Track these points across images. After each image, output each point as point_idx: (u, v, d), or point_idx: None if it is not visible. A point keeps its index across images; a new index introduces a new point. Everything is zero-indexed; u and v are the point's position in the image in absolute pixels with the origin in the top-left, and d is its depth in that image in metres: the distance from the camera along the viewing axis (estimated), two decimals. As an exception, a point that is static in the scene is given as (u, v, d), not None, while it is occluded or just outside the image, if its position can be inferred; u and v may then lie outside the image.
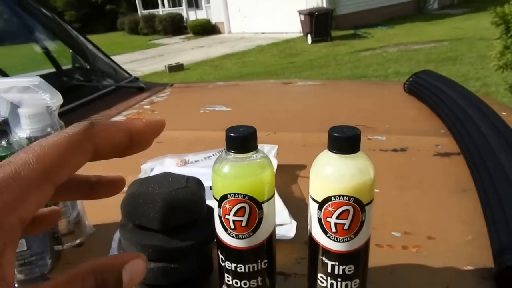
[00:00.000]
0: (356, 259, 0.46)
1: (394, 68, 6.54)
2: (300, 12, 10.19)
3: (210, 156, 0.84)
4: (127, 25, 19.82)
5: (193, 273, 0.52)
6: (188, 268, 0.51)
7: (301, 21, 10.28)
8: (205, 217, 0.53)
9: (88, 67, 1.93)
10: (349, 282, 0.46)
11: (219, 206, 0.46)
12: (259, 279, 0.48)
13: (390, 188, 0.78)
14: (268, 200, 0.46)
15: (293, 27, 11.44)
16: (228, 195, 0.44)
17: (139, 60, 10.62)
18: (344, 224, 0.44)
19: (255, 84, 2.10)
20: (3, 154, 0.53)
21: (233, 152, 0.45)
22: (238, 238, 0.46)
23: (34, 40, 1.97)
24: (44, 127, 0.60)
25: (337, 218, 0.44)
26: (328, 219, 0.44)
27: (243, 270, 0.47)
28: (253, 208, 0.45)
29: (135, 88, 1.68)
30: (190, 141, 1.08)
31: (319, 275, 0.47)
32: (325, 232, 0.45)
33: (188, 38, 15.22)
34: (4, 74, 1.66)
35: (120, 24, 21.02)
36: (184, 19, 17.58)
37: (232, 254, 0.47)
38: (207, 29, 15.63)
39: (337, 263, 0.46)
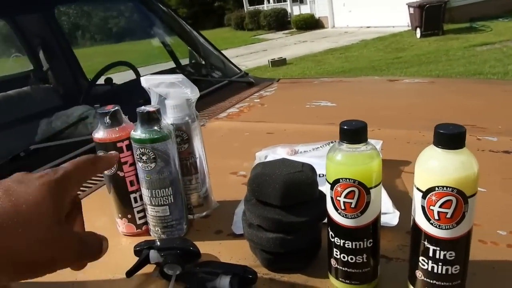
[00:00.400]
0: (457, 246, 0.50)
1: (515, 65, 5.96)
2: (409, 5, 9.71)
3: (318, 147, 0.92)
4: (233, 21, 20.66)
5: (305, 245, 0.60)
6: (301, 240, 0.59)
7: (410, 14, 9.78)
8: (317, 198, 0.61)
9: (203, 62, 2.11)
10: (449, 267, 0.51)
11: (332, 188, 0.53)
12: (364, 256, 0.55)
13: (498, 189, 0.79)
14: (375, 186, 0.52)
15: (400, 20, 10.94)
16: (340, 180, 0.52)
17: (244, 55, 11.02)
18: (447, 213, 0.49)
19: (360, 80, 2.11)
20: (156, 136, 0.66)
21: (346, 143, 0.52)
22: (347, 218, 0.53)
23: (155, 35, 2.20)
24: (183, 116, 0.73)
25: (440, 207, 0.49)
26: (432, 207, 0.49)
27: (350, 246, 0.54)
28: (361, 192, 0.51)
29: (245, 82, 1.81)
30: (298, 133, 1.16)
31: (420, 258, 0.52)
32: (428, 219, 0.50)
33: (291, 33, 15.38)
34: (132, 67, 1.89)
35: (227, 20, 21.99)
36: (288, 14, 17.79)
37: (341, 231, 0.54)
38: (311, 23, 15.65)
39: (438, 248, 0.50)
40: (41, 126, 1.13)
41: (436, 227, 0.50)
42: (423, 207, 0.50)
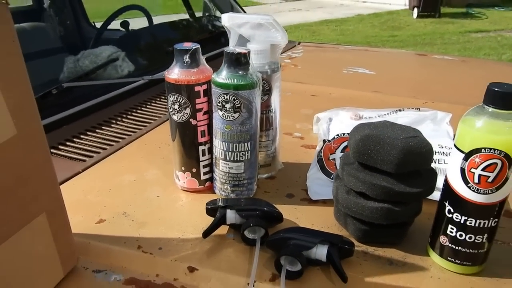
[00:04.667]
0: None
1: (509, 55, 6.00)
2: (409, -17, 9.56)
3: (385, 114, 0.85)
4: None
5: (411, 218, 0.55)
6: (409, 212, 0.54)
7: (409, -7, 9.65)
8: (428, 169, 0.54)
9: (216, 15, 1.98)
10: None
11: (466, 159, 0.47)
12: (485, 236, 0.49)
13: None
14: (517, 161, 0.46)
15: (398, -2, 10.80)
16: (482, 149, 0.45)
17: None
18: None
19: (388, 51, 2.04)
20: (243, 83, 0.58)
21: (494, 107, 0.45)
22: (479, 193, 0.47)
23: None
24: (263, 64, 0.65)
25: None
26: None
27: (473, 224, 0.49)
28: (504, 166, 0.45)
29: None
30: (344, 98, 1.09)
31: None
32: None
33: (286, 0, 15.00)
34: (145, 13, 1.76)
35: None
36: (283, -21, 17.30)
37: (467, 207, 0.48)
38: (306, -8, 15.27)
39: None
40: (67, 63, 1.02)
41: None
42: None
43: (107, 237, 0.58)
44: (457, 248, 0.51)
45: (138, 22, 1.76)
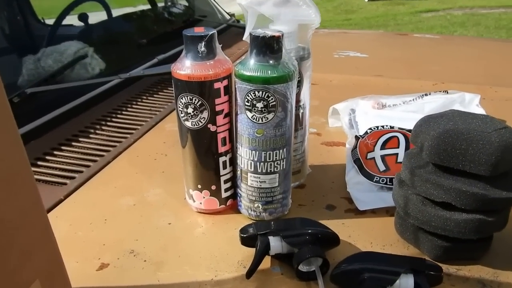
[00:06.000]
0: None
1: (460, 32, 6.15)
2: (358, -34, 9.62)
3: (410, 101, 0.75)
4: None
5: (501, 229, 0.44)
6: (502, 222, 0.43)
7: (358, -24, 9.72)
8: None
9: (187, 4, 1.83)
10: None
11: None
12: None
13: None
14: None
15: (347, -18, 10.87)
16: None
17: None
18: None
19: (366, 33, 1.96)
20: (278, 74, 0.45)
21: None
22: None
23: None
24: (296, 49, 0.52)
25: None
26: None
27: None
28: None
29: (243, 28, 1.58)
30: (348, 85, 0.99)
31: None
32: None
33: (235, -11, 14.76)
34: (104, 4, 1.58)
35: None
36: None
37: None
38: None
39: None
40: (26, 65, 0.84)
41: None
42: None
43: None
44: None
45: (96, 17, 1.57)
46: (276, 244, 0.45)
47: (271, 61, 0.46)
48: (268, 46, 0.45)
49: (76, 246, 0.50)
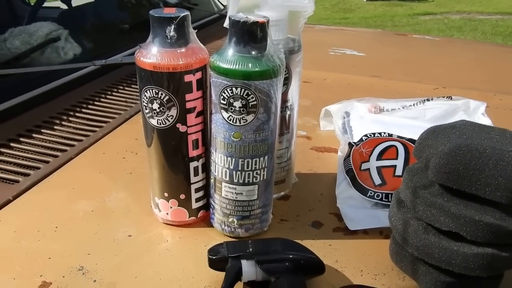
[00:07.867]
0: None
1: (457, 37, 6.13)
2: (358, -35, 9.56)
3: (410, 105, 0.68)
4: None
5: (517, 266, 0.38)
6: (517, 258, 0.37)
7: (358, -25, 9.66)
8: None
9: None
10: None
11: None
12: None
13: None
14: None
15: (347, -19, 10.80)
16: None
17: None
18: None
19: (363, 31, 1.89)
20: (261, 69, 0.38)
21: None
22: None
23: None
24: (285, 40, 0.45)
25: None
26: None
27: None
28: None
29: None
30: (342, 84, 0.92)
31: None
32: None
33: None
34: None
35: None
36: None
37: None
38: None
39: None
40: (-11, 44, 0.76)
41: None
42: None
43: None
44: None
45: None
46: (249, 269, 0.38)
47: (253, 52, 0.38)
48: (250, 34, 0.38)
49: (17, 259, 0.43)
